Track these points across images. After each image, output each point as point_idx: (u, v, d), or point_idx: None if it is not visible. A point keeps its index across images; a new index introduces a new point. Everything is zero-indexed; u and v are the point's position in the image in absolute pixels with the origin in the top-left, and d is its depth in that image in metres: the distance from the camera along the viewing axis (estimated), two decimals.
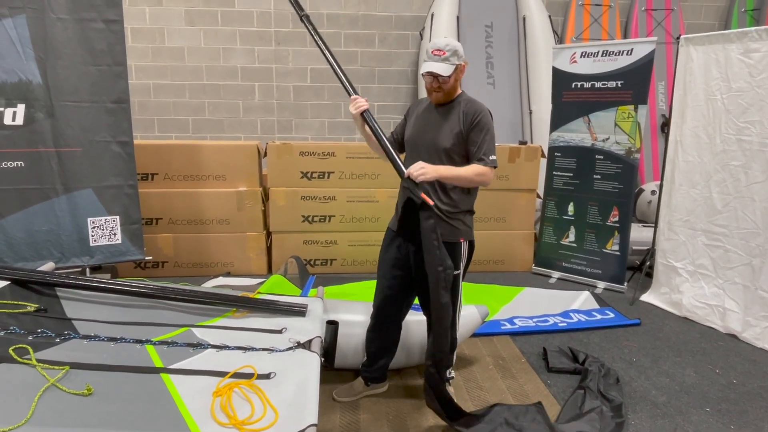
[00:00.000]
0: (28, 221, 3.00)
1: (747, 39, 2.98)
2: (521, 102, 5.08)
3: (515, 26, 5.10)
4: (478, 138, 1.95)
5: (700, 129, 3.26)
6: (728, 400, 2.36)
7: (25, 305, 1.74)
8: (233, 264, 3.98)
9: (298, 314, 1.90)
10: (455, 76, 1.99)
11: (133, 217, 3.26)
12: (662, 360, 2.74)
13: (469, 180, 1.96)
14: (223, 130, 5.44)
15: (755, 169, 2.98)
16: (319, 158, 3.90)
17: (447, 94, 2.01)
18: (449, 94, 2.02)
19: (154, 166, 3.81)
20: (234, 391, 1.36)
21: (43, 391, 1.29)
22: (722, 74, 3.12)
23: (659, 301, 3.51)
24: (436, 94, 2.01)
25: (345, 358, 2.39)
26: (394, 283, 2.14)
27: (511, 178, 4.05)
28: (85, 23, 2.97)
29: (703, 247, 3.27)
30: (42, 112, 2.95)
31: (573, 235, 4.01)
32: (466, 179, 1.95)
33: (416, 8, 5.34)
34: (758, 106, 2.95)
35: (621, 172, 3.74)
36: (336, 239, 4.03)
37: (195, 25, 5.19)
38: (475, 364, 2.65)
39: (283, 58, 5.34)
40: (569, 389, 2.40)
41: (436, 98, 2.03)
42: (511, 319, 3.15)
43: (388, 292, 2.15)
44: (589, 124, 3.85)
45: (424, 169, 1.86)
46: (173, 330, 1.72)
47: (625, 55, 3.66)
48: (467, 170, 1.93)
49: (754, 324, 2.96)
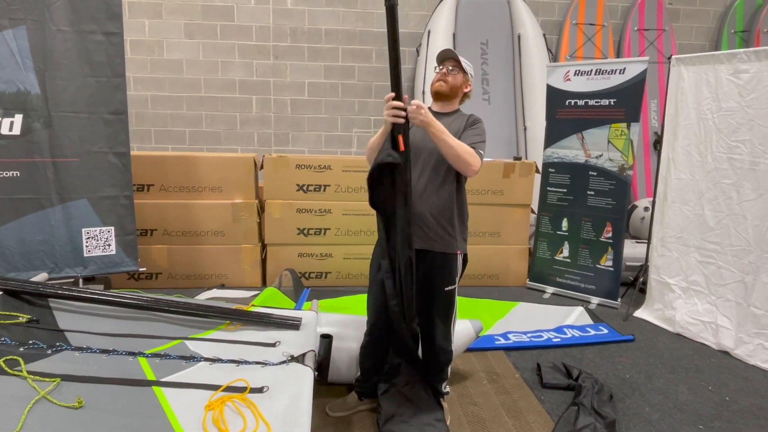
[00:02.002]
0: (22, 231, 2.99)
1: (736, 60, 3.05)
2: (516, 118, 5.14)
3: (510, 44, 5.19)
4: (472, 134, 1.99)
5: (692, 147, 3.31)
6: (721, 418, 2.36)
7: (18, 316, 1.73)
8: (227, 276, 3.97)
9: (292, 327, 1.90)
10: (463, 80, 2.07)
11: (128, 228, 3.25)
12: (656, 377, 2.74)
13: (455, 151, 1.87)
14: (220, 142, 5.47)
15: (746, 187, 3.02)
16: (315, 171, 3.92)
17: (451, 89, 2.06)
18: (452, 92, 2.07)
19: (150, 177, 3.82)
20: (226, 404, 1.36)
21: (33, 403, 1.28)
22: (713, 94, 3.18)
23: (652, 317, 3.52)
24: (442, 83, 2.05)
25: (339, 372, 2.38)
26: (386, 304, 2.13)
27: (506, 193, 4.08)
28: (85, 35, 2.99)
29: (695, 263, 3.29)
30: (39, 122, 2.96)
31: (567, 250, 4.03)
32: (453, 148, 1.87)
33: (413, 25, 5.42)
34: (748, 125, 3.00)
35: (614, 188, 3.78)
36: (331, 252, 4.03)
37: (194, 38, 5.24)
38: (468, 379, 2.64)
39: (281, 71, 5.39)
40: (563, 405, 2.39)
41: (439, 87, 2.07)
42: (506, 334, 3.15)
43: (381, 310, 2.14)
44: (582, 141, 3.90)
45: (423, 110, 1.84)
46: (166, 342, 1.71)
47: (618, 73, 3.72)
48: (458, 142, 1.91)
49: (747, 341, 2.97)
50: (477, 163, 1.92)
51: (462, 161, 1.90)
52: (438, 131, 1.87)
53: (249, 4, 5.23)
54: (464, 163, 1.91)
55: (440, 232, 2.02)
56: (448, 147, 1.88)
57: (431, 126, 1.87)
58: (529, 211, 4.21)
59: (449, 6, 5.09)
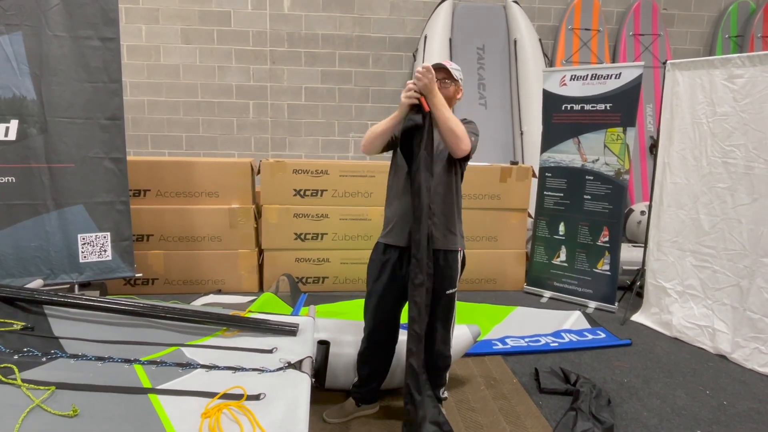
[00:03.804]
0: (17, 237, 2.97)
1: (731, 65, 3.07)
2: (512, 123, 5.16)
3: (506, 49, 5.21)
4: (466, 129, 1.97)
5: (687, 152, 3.32)
6: (719, 422, 2.36)
7: (12, 323, 1.72)
8: (224, 281, 3.95)
9: (289, 334, 1.89)
10: (455, 89, 2.07)
11: (124, 233, 3.24)
12: (653, 381, 2.74)
13: (450, 124, 1.87)
14: (216, 147, 5.46)
15: (741, 191, 3.03)
16: (312, 176, 3.91)
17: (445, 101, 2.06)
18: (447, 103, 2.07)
19: (147, 183, 3.81)
20: (223, 412, 1.35)
21: (27, 412, 1.27)
22: (707, 99, 3.20)
23: (650, 321, 3.52)
24: None
25: (336, 379, 2.37)
26: (387, 308, 2.13)
27: (503, 197, 4.08)
28: (82, 41, 2.99)
29: (691, 267, 3.30)
30: (35, 127, 2.95)
31: (564, 254, 4.04)
32: (449, 120, 1.87)
33: (410, 30, 5.44)
34: (742, 130, 3.02)
35: (611, 192, 3.79)
36: (328, 257, 4.03)
37: (191, 43, 5.25)
38: (466, 384, 2.63)
39: (278, 76, 5.40)
40: (561, 410, 2.39)
41: None
42: (503, 338, 3.14)
43: (381, 317, 2.14)
44: (579, 146, 3.92)
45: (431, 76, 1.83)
46: (162, 349, 1.70)
47: (614, 78, 3.74)
48: (455, 119, 1.90)
49: (744, 345, 2.98)
50: (467, 143, 1.92)
51: (455, 136, 1.88)
52: (438, 101, 1.87)
53: (246, 10, 5.24)
54: (456, 138, 1.89)
55: (443, 229, 2.04)
56: (444, 119, 1.87)
57: (432, 94, 1.86)
58: (526, 216, 4.21)
59: (446, 11, 5.11)
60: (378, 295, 2.10)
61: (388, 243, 2.10)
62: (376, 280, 2.11)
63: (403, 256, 2.06)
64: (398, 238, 2.06)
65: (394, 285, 2.08)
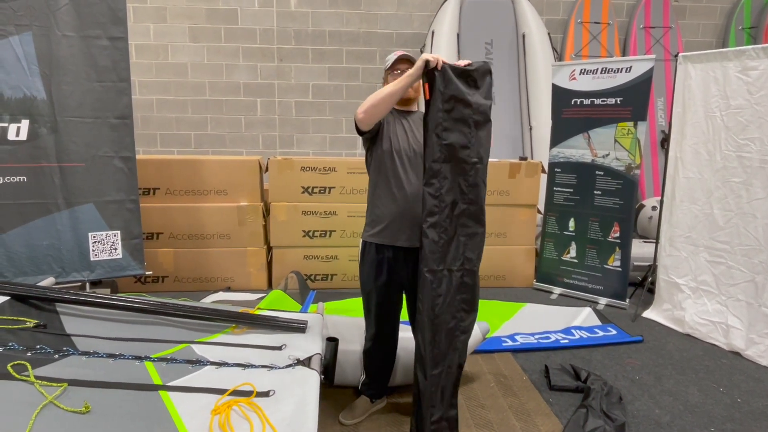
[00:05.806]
0: (29, 236, 3.01)
1: (745, 57, 3.01)
2: (521, 118, 5.12)
3: (515, 43, 5.17)
4: None
5: (700, 145, 3.27)
6: (733, 420, 2.33)
7: (25, 321, 1.74)
8: (233, 279, 3.97)
9: (298, 330, 1.89)
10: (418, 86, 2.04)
11: (134, 231, 3.26)
12: (665, 378, 2.71)
13: None
14: (224, 145, 5.48)
15: (756, 185, 2.98)
16: (320, 173, 3.91)
17: (416, 92, 2.05)
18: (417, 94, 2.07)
19: (156, 181, 3.83)
20: (233, 409, 1.35)
21: (40, 408, 1.28)
22: (721, 92, 3.14)
23: (662, 318, 3.48)
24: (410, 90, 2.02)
25: (345, 375, 2.37)
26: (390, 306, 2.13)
27: (512, 193, 4.05)
28: (90, 40, 3.01)
29: (705, 263, 3.26)
30: (46, 127, 2.98)
31: (574, 250, 4.00)
32: None
33: (417, 26, 5.41)
34: (757, 123, 2.97)
35: (621, 188, 3.74)
36: (337, 254, 4.03)
37: (198, 41, 5.26)
38: (476, 381, 2.62)
39: (286, 74, 5.40)
40: (571, 408, 2.37)
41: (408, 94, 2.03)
42: (513, 335, 3.13)
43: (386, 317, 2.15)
44: (588, 140, 3.88)
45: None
46: (173, 346, 1.71)
47: (624, 72, 3.69)
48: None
49: (758, 341, 2.93)
50: None
51: None
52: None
53: (253, 7, 5.24)
54: None
55: None
56: None
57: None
58: (536, 212, 4.18)
59: (453, 6, 5.07)
60: (380, 293, 2.11)
61: (383, 243, 2.06)
62: (375, 279, 2.10)
63: (398, 254, 2.05)
64: (394, 238, 2.04)
65: (394, 282, 2.09)
